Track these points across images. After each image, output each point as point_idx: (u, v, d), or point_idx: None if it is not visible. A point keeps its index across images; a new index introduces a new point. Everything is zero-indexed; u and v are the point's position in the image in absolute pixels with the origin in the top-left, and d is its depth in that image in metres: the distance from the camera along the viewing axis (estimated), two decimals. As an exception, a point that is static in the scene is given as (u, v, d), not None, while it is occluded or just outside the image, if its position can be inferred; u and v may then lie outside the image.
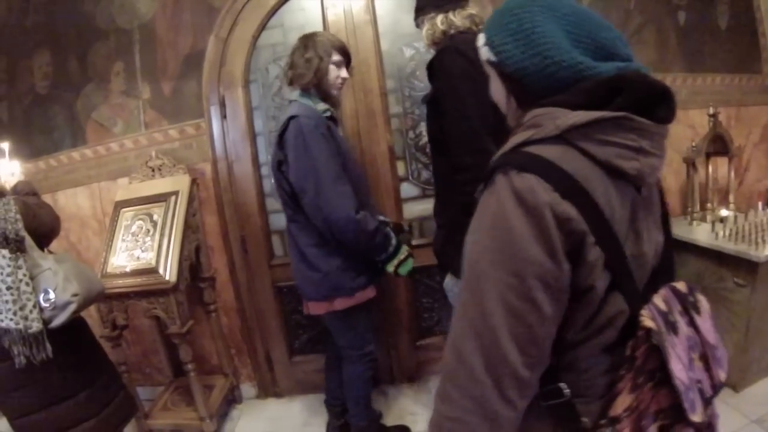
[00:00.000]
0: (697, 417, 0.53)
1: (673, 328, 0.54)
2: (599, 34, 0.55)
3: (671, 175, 2.29)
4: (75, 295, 1.13)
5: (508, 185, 0.52)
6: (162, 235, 1.79)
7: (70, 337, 1.23)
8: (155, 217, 1.85)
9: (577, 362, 0.57)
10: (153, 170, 1.96)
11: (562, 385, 0.57)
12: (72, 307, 1.12)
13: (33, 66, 2.14)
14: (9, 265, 1.05)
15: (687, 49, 2.35)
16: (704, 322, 0.58)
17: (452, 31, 1.26)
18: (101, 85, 2.06)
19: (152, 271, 1.73)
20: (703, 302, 0.60)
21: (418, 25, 1.41)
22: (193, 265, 1.85)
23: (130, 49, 2.04)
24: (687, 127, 2.32)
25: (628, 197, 0.55)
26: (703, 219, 2.11)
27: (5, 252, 1.05)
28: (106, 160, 2.07)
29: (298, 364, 2.06)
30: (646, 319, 0.52)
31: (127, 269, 1.77)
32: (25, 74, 2.15)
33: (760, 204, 2.17)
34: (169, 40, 2.01)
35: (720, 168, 2.27)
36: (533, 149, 0.53)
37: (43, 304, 1.08)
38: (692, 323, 0.58)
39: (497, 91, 0.63)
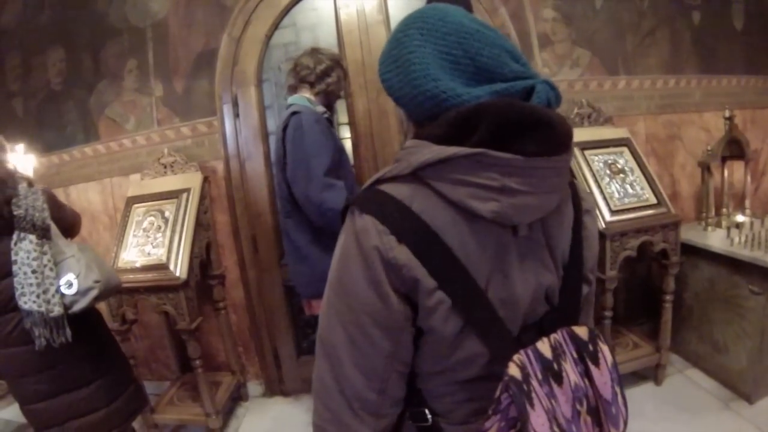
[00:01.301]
0: None
1: (555, 376, 0.51)
2: (481, 53, 0.49)
3: (685, 179, 2.26)
4: (97, 281, 1.17)
5: (352, 225, 0.52)
6: (173, 231, 1.80)
7: (86, 327, 1.26)
8: (167, 213, 1.86)
9: (436, 389, 0.58)
10: (165, 167, 1.97)
11: (426, 410, 0.58)
12: (93, 293, 1.15)
13: (47, 62, 2.16)
14: (35, 250, 1.09)
15: (701, 50, 2.31)
16: (601, 376, 0.54)
17: None
18: (114, 82, 2.08)
19: (163, 267, 1.74)
20: (605, 353, 0.55)
21: None
22: (203, 263, 1.86)
23: (143, 47, 2.06)
24: (701, 130, 2.29)
25: (492, 238, 0.51)
26: (718, 224, 2.08)
27: (32, 237, 1.10)
28: (118, 156, 2.09)
29: (305, 364, 2.05)
30: (512, 367, 0.49)
31: (138, 264, 1.78)
32: (39, 70, 2.17)
33: (775, 210, 2.13)
34: (181, 39, 2.02)
35: (736, 172, 2.23)
36: (386, 187, 0.52)
37: (65, 291, 1.12)
38: (587, 374, 0.54)
39: (401, 115, 0.60)
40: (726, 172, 2.15)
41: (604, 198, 1.76)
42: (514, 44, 0.55)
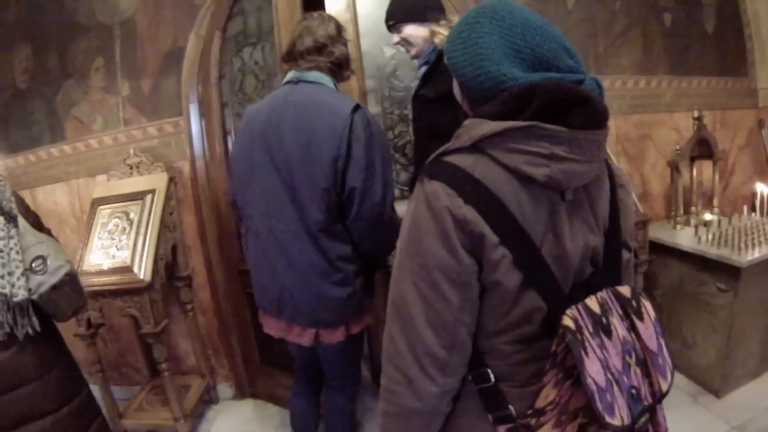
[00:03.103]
0: (615, 420, 0.53)
1: (604, 329, 0.55)
2: (542, 46, 0.56)
3: (656, 179, 2.26)
4: (68, 261, 1.12)
5: (422, 191, 0.58)
6: (137, 233, 1.75)
7: (42, 328, 1.18)
8: (132, 215, 1.80)
9: (498, 349, 0.61)
10: (131, 168, 1.91)
11: (488, 370, 0.62)
12: (64, 269, 1.09)
13: (13, 60, 2.09)
14: (2, 230, 1.05)
15: (673, 51, 2.32)
16: (646, 329, 0.58)
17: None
18: (81, 81, 2.02)
19: (127, 269, 1.69)
20: (648, 308, 0.60)
21: (391, 31, 1.41)
22: (169, 264, 1.80)
23: (110, 45, 2.00)
24: (672, 130, 2.29)
25: (545, 201, 0.57)
26: (686, 223, 2.08)
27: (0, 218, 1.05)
28: (85, 157, 2.03)
29: (272, 376, 2.00)
30: (566, 318, 0.53)
31: (103, 267, 1.73)
32: (5, 68, 2.10)
33: (745, 208, 2.14)
34: (149, 37, 1.97)
35: (705, 171, 2.24)
36: (450, 158, 0.58)
37: (36, 268, 1.07)
38: (633, 328, 0.58)
39: (457, 93, 0.67)
40: (695, 172, 2.16)
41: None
42: (571, 45, 0.59)
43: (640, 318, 0.58)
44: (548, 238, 0.57)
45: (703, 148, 2.12)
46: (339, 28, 1.23)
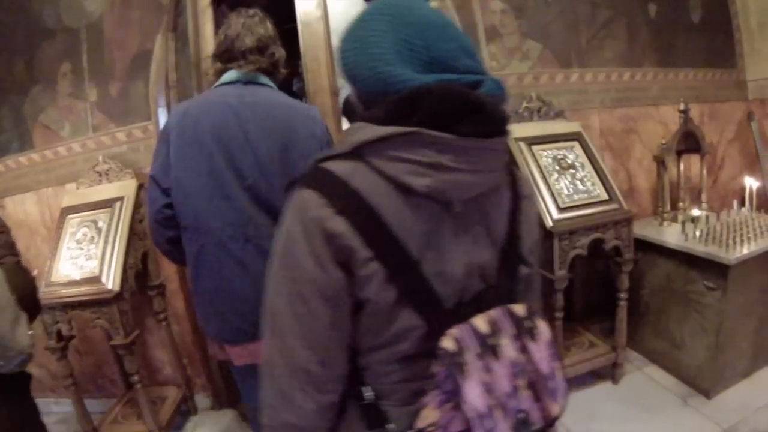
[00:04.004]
0: None
1: (492, 351, 0.52)
2: (439, 46, 0.53)
3: (642, 174, 2.19)
4: (29, 345, 0.94)
5: (294, 200, 0.54)
6: (106, 242, 1.68)
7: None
8: (100, 223, 1.74)
9: (376, 367, 0.58)
10: (100, 175, 1.85)
11: (365, 388, 0.59)
12: (21, 357, 0.93)
13: (-21, 67, 2.03)
14: None
15: (658, 43, 2.25)
16: (539, 351, 0.56)
17: None
18: (48, 87, 1.95)
19: (95, 280, 1.63)
20: (543, 329, 0.57)
21: None
22: (139, 273, 1.74)
23: (77, 49, 1.93)
24: (659, 124, 2.22)
25: (427, 213, 0.53)
26: (674, 219, 2.01)
27: None
28: (54, 165, 1.96)
29: None
30: (446, 339, 0.51)
31: (72, 278, 1.67)
32: (-29, 76, 2.03)
33: (735, 203, 2.07)
34: (117, 40, 1.90)
35: (692, 166, 2.17)
36: (328, 164, 0.54)
37: None
38: (525, 349, 0.55)
39: (353, 97, 0.62)
40: (682, 166, 2.09)
41: (552, 195, 1.67)
42: (472, 43, 0.57)
43: (534, 339, 0.55)
44: (429, 253, 0.54)
45: (690, 141, 2.06)
46: (274, 27, 1.17)
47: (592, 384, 1.90)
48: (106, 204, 1.75)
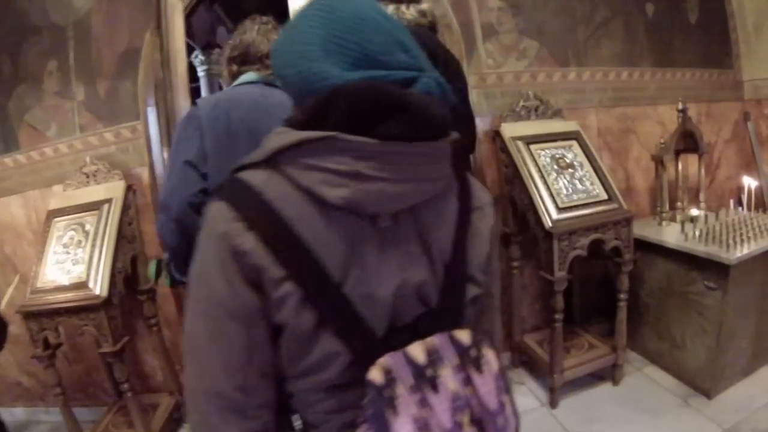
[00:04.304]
0: None
1: (430, 383, 0.47)
2: (371, 41, 0.48)
3: (640, 174, 2.17)
4: None
5: (207, 212, 0.50)
6: (93, 246, 1.62)
7: None
8: (87, 227, 1.68)
9: (303, 395, 0.53)
10: (87, 176, 1.79)
11: (294, 416, 0.55)
12: None
13: (-37, 66, 1.95)
14: None
15: (656, 43, 2.23)
16: (485, 383, 0.50)
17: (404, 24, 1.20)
18: (34, 86, 1.88)
19: (82, 285, 1.57)
20: (490, 359, 0.51)
21: None
22: (128, 278, 1.68)
23: (64, 46, 1.87)
24: (656, 124, 2.20)
25: (349, 228, 0.48)
26: (672, 219, 1.99)
27: None
28: (41, 167, 1.89)
29: None
30: (373, 370, 0.45)
31: (58, 284, 1.61)
32: (-46, 75, 1.96)
33: (732, 202, 2.05)
34: (105, 37, 1.84)
35: (690, 166, 2.15)
36: (243, 174, 0.49)
37: None
38: (469, 381, 0.49)
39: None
40: (680, 166, 2.07)
41: (551, 195, 1.64)
42: (411, 39, 0.51)
43: (479, 370, 0.50)
44: (353, 273, 0.48)
45: (688, 141, 2.04)
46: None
47: (592, 386, 1.87)
48: (94, 206, 1.69)
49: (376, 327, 0.49)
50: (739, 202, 2.17)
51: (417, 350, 0.47)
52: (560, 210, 1.62)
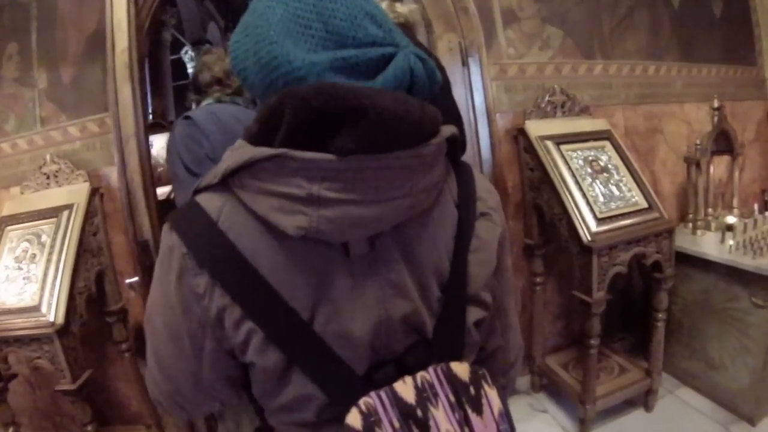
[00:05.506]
0: None
1: (419, 425, 0.37)
2: (335, 15, 0.37)
3: (666, 177, 1.84)
4: None
5: (163, 236, 0.42)
6: (49, 261, 1.25)
7: None
8: (43, 238, 1.30)
9: (283, 429, 0.46)
10: (48, 177, 1.41)
11: None
12: None
13: None
14: None
15: (681, 36, 1.90)
16: (484, 426, 0.40)
17: None
18: (-10, 72, 1.49)
19: (33, 309, 1.20)
20: (492, 399, 0.41)
21: None
22: (92, 297, 1.31)
23: (26, 27, 1.48)
24: (683, 123, 1.88)
25: (313, 260, 0.39)
26: (707, 227, 1.67)
27: None
28: (-3, 165, 1.51)
29: None
30: (351, 413, 0.37)
31: (6, 306, 1.23)
32: None
33: (756, 207, 1.74)
34: (71, 16, 1.45)
35: (717, 168, 1.83)
36: (201, 198, 0.41)
37: None
38: (467, 422, 0.39)
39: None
40: (712, 169, 1.75)
41: (588, 203, 1.30)
42: (381, 11, 0.40)
43: (478, 411, 0.40)
44: (322, 310, 0.39)
45: (720, 142, 1.72)
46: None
47: (623, 413, 1.54)
48: (52, 213, 1.31)
49: (356, 365, 0.41)
50: (765, 206, 1.86)
51: (405, 387, 0.39)
52: (599, 221, 1.28)
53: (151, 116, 3.18)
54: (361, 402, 0.37)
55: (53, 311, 1.18)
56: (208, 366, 0.43)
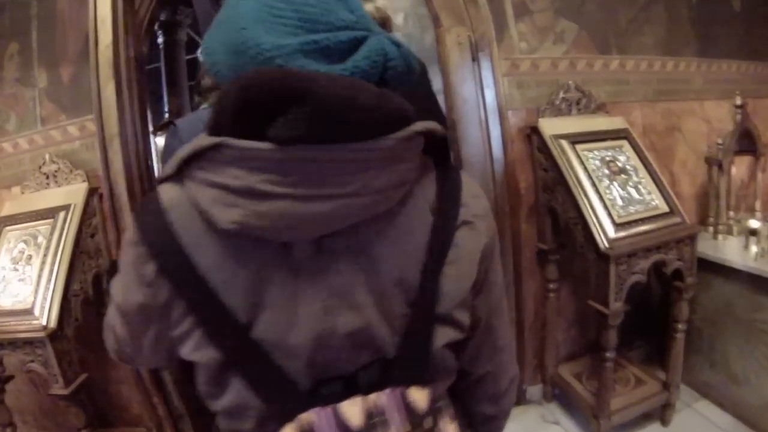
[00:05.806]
0: None
1: None
2: (308, 2, 0.35)
3: (686, 178, 1.72)
4: None
5: (127, 232, 0.41)
6: (43, 263, 1.20)
7: None
8: (40, 239, 1.25)
9: None
10: (47, 177, 1.36)
11: None
12: None
13: None
14: None
15: (699, 30, 1.77)
16: None
17: None
18: (-9, 72, 1.45)
19: (26, 312, 1.15)
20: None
21: None
22: (88, 300, 1.25)
23: (27, 27, 1.43)
24: (702, 121, 1.75)
25: (254, 261, 0.36)
26: (729, 232, 1.55)
27: None
28: (-1, 165, 1.47)
29: None
30: (287, 428, 0.34)
31: (1, 308, 1.18)
32: None
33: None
34: (71, 15, 1.40)
35: (738, 169, 1.71)
36: (162, 188, 0.38)
37: None
38: None
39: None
40: (733, 170, 1.62)
41: (605, 207, 1.20)
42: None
43: None
44: (262, 314, 0.36)
45: (742, 141, 1.60)
46: None
47: (638, 427, 1.43)
48: (48, 214, 1.26)
49: (298, 378, 0.37)
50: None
51: (353, 409, 0.35)
52: (617, 226, 1.17)
53: (167, 115, 3.16)
54: (302, 417, 0.34)
55: (46, 314, 1.12)
56: (148, 348, 0.42)
